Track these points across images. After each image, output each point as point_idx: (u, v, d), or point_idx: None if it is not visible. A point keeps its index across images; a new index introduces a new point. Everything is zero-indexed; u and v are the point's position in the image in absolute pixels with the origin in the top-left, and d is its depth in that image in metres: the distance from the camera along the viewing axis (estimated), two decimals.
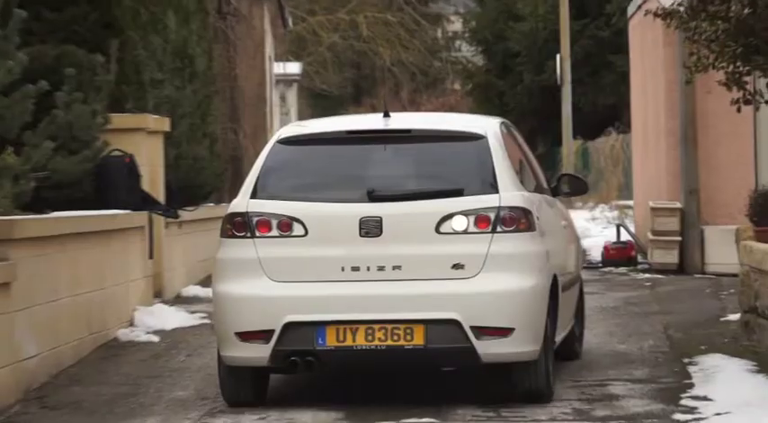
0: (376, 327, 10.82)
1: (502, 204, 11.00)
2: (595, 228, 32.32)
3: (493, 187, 11.13)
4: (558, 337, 12.08)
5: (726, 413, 12.36)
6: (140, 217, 18.18)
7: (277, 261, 11.07)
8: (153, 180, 19.34)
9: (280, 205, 11.12)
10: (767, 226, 16.39)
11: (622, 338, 17.24)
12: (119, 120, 17.15)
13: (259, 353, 11.01)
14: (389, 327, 10.81)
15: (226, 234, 11.34)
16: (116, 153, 16.81)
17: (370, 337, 10.82)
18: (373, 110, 54.75)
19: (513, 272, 10.96)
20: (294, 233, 11.06)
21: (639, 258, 26.47)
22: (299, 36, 51.95)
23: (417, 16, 62.21)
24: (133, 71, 18.72)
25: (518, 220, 10.99)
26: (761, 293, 15.48)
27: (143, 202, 18.08)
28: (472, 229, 10.95)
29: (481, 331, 10.76)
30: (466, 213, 10.97)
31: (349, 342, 10.86)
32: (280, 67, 38.86)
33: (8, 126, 13.23)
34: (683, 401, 13.12)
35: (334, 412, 11.65)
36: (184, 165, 21.53)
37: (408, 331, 10.78)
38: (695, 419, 12.25)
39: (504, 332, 10.82)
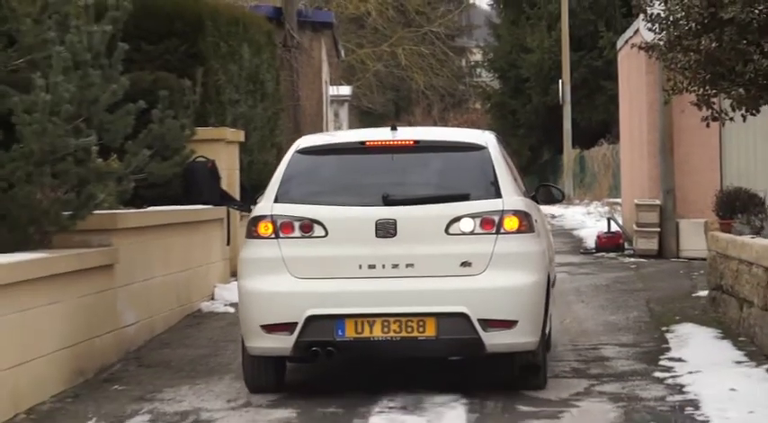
0: (391, 319, 10.08)
1: (505, 208, 10.33)
2: (590, 220, 32.16)
3: (496, 193, 10.44)
4: (547, 329, 11.27)
5: (697, 372, 12.33)
6: (220, 211, 18.21)
7: (299, 259, 10.27)
8: (230, 181, 19.35)
9: (301, 209, 10.38)
10: (730, 219, 16.36)
11: (612, 311, 17.19)
12: (203, 132, 17.14)
13: (283, 344, 10.21)
14: (404, 320, 10.07)
15: (252, 235, 10.54)
16: (200, 159, 16.78)
17: (386, 329, 10.07)
18: (409, 124, 54.77)
19: (516, 269, 10.26)
20: (315, 234, 10.28)
21: (626, 246, 26.35)
22: (349, 65, 51.79)
23: (446, 49, 61.97)
24: (215, 93, 18.76)
25: (519, 222, 10.39)
26: (725, 274, 15.47)
27: (222, 198, 18.12)
28: (478, 230, 10.24)
29: (488, 323, 10.07)
30: (473, 216, 10.27)
31: (366, 333, 10.12)
32: (334, 90, 38.76)
33: (113, 137, 13.25)
34: (661, 362, 13.09)
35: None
36: (256, 169, 21.48)
37: (421, 324, 10.07)
38: (672, 377, 12.22)
39: (508, 324, 10.15)
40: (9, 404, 10.58)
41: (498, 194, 10.43)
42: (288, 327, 10.12)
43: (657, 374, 12.40)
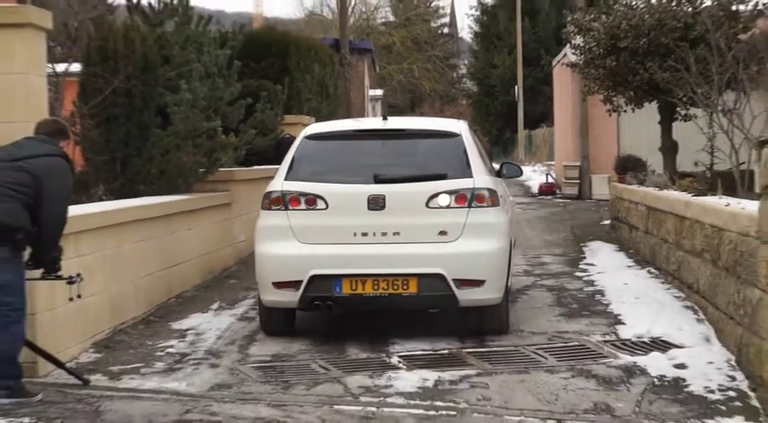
0: (380, 279, 8.30)
1: (476, 186, 8.47)
2: (535, 176, 31.86)
3: (468, 173, 8.59)
4: (509, 283, 9.27)
5: (602, 272, 12.26)
6: None
7: (304, 228, 8.49)
8: None
9: (307, 186, 8.58)
10: (624, 175, 16.31)
11: (549, 232, 17.11)
12: (288, 118, 17.06)
13: (290, 298, 8.46)
14: (391, 279, 8.29)
15: (265, 207, 8.76)
16: (287, 135, 16.61)
17: (376, 287, 8.29)
18: (421, 114, 54.61)
19: (485, 237, 8.43)
20: (318, 207, 8.51)
21: (557, 191, 26.31)
22: (381, 76, 51.48)
23: (443, 66, 61.85)
24: (296, 93, 18.61)
25: (487, 197, 8.51)
26: (620, 210, 15.41)
27: None
28: (453, 204, 8.43)
29: (460, 282, 8.31)
30: (449, 192, 8.45)
31: (360, 290, 8.32)
32: (372, 92, 38.50)
33: (231, 122, 13.22)
34: (580, 265, 13.00)
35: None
36: None
37: (405, 282, 8.28)
38: (587, 275, 12.13)
39: (477, 283, 8.36)
40: (165, 291, 10.58)
41: (470, 174, 8.59)
42: (294, 284, 8.38)
43: (578, 274, 12.32)
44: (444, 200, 8.41)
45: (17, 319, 6.66)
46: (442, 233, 8.34)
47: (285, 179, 8.68)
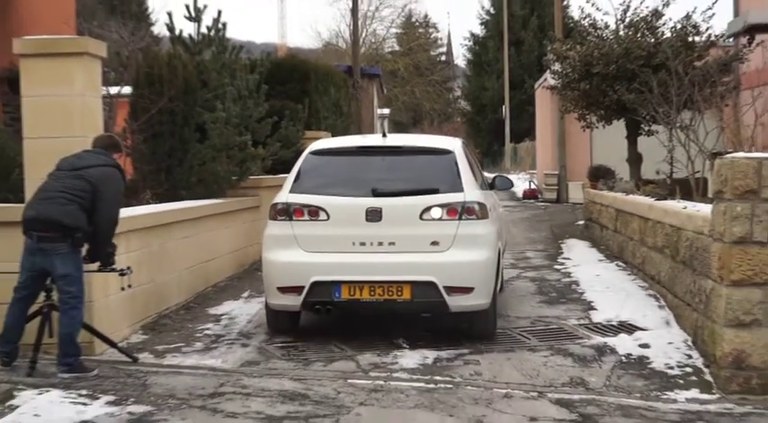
0: (377, 285, 7.64)
1: (466, 200, 7.84)
2: (519, 182, 31.71)
3: (459, 188, 7.94)
4: (498, 288, 8.52)
5: (577, 265, 12.24)
6: None
7: (307, 237, 7.85)
8: None
9: (310, 198, 7.95)
10: (596, 182, 16.26)
11: (532, 231, 17.08)
12: (308, 133, 16.95)
13: (293, 302, 7.83)
14: (386, 286, 7.64)
15: (272, 217, 8.15)
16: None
17: (372, 293, 7.65)
18: (421, 130, 54.51)
19: (474, 248, 7.75)
20: (320, 218, 7.87)
21: (539, 196, 26.25)
22: (388, 97, 51.31)
23: (441, 88, 61.65)
24: (315, 112, 18.56)
25: (477, 211, 7.86)
26: (593, 212, 15.35)
27: None
28: (445, 217, 7.79)
29: (451, 290, 7.64)
30: (441, 206, 7.80)
31: (357, 296, 7.67)
32: (380, 111, 38.43)
33: (259, 136, 13.16)
34: (558, 260, 12.99)
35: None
36: None
37: (399, 289, 7.63)
38: (564, 268, 12.12)
39: (467, 291, 7.69)
40: (203, 281, 10.56)
41: (461, 189, 7.93)
42: (297, 289, 7.77)
43: (556, 267, 12.30)
44: (437, 213, 7.81)
45: (77, 306, 6.67)
46: (435, 243, 7.73)
47: (290, 191, 8.12)
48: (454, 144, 8.59)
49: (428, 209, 7.79)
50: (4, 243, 7.20)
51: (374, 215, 7.76)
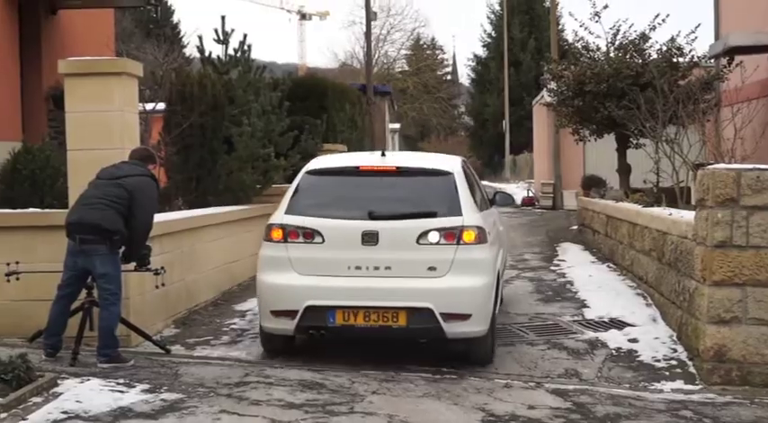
0: (372, 311, 6.75)
1: (464, 224, 6.87)
2: (519, 191, 31.71)
3: (458, 211, 6.96)
4: (497, 311, 7.47)
5: (572, 266, 12.21)
6: None
7: (302, 260, 6.91)
8: None
9: (305, 220, 7.01)
10: (588, 190, 16.24)
11: (529, 235, 17.03)
12: (326, 146, 16.94)
13: (287, 326, 6.95)
14: (381, 311, 6.74)
15: (267, 238, 7.22)
16: None
17: (367, 319, 6.75)
18: (428, 144, 54.50)
19: (471, 273, 6.80)
20: (315, 241, 6.93)
21: (536, 203, 26.20)
22: (398, 112, 51.22)
23: (447, 104, 61.61)
24: (332, 127, 18.54)
25: (475, 235, 6.89)
26: (585, 217, 15.33)
27: None
28: (442, 241, 6.81)
29: (448, 316, 6.72)
30: (438, 230, 6.84)
31: (352, 321, 6.77)
32: (391, 126, 38.40)
33: (281, 149, 13.15)
34: (554, 261, 12.95)
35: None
36: None
37: (395, 315, 6.72)
38: (559, 269, 12.08)
39: (464, 317, 6.77)
40: (229, 280, 10.57)
41: (459, 212, 6.97)
42: (291, 313, 6.90)
43: (552, 268, 12.26)
44: (434, 237, 6.85)
45: (115, 302, 6.70)
46: (431, 269, 6.79)
47: (286, 212, 7.20)
48: (454, 164, 7.60)
49: (425, 233, 6.87)
50: (48, 245, 7.24)
51: (370, 238, 6.87)
